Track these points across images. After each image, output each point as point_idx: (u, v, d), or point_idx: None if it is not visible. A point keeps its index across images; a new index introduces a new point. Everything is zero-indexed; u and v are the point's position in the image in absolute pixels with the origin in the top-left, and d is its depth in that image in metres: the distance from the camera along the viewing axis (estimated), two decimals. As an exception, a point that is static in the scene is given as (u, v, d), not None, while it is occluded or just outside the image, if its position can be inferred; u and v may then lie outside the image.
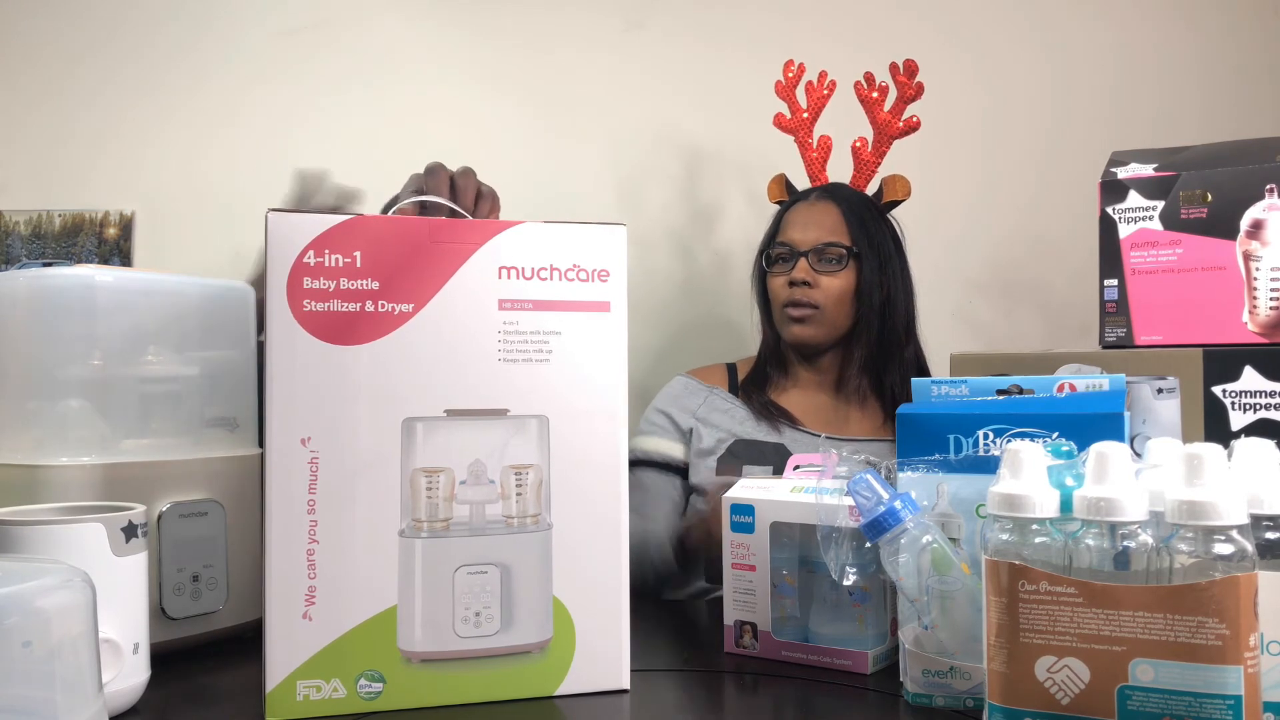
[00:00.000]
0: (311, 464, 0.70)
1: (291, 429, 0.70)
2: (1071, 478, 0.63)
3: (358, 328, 0.71)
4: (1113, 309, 1.09)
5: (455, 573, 0.72)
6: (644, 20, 1.81)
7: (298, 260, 0.71)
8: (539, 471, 0.74)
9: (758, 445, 1.34)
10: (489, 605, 0.72)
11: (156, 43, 1.83)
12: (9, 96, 1.84)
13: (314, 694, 0.69)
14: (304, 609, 0.70)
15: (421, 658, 0.71)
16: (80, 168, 1.82)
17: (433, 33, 1.83)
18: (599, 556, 0.75)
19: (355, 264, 0.71)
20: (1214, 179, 1.05)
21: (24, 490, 0.78)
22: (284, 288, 0.70)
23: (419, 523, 0.72)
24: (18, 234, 1.81)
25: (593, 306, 0.76)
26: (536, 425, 0.74)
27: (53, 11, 1.84)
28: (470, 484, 0.73)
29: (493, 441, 0.73)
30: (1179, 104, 1.77)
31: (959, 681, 0.71)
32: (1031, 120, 1.80)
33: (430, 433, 0.72)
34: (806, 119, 1.49)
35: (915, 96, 1.45)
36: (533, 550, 0.73)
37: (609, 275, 0.76)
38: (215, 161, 1.80)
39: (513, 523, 0.73)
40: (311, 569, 0.70)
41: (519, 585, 0.73)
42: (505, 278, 0.74)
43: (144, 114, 1.82)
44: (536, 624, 0.73)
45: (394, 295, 0.72)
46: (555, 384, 0.74)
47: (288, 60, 1.82)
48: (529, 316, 0.74)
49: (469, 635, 0.72)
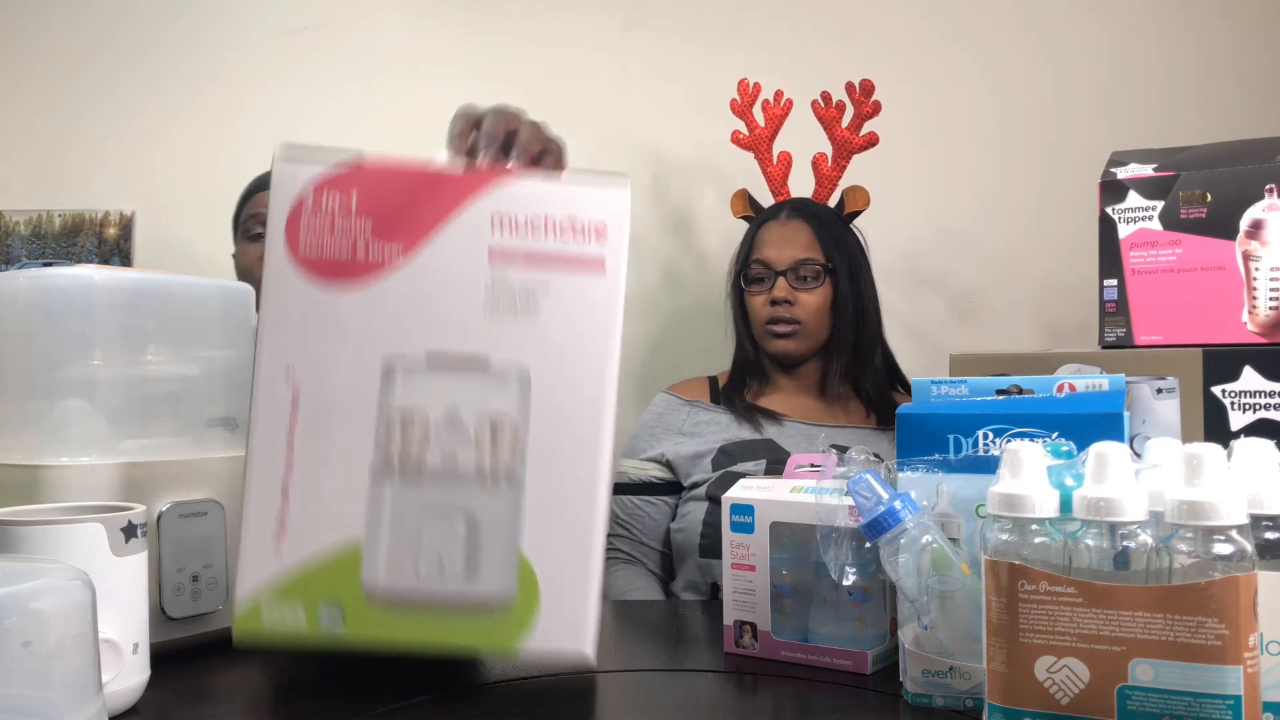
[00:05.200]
0: (294, 397, 0.71)
1: (277, 361, 0.71)
2: (1071, 478, 0.63)
3: (348, 269, 0.72)
4: (1112, 309, 1.09)
5: (423, 517, 0.72)
6: (643, 21, 1.81)
7: (298, 199, 0.72)
8: (516, 426, 0.72)
9: (748, 444, 1.37)
10: (453, 553, 0.72)
11: (157, 43, 1.83)
12: (10, 97, 1.84)
13: (276, 617, 0.70)
14: (275, 533, 0.71)
15: (383, 595, 0.71)
16: (80, 168, 1.83)
17: (432, 33, 1.83)
18: (570, 519, 0.72)
19: (351, 206, 0.72)
20: (1214, 179, 1.05)
21: (24, 490, 0.78)
22: (283, 225, 0.72)
23: (390, 463, 0.72)
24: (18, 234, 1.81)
25: (585, 263, 0.73)
26: (518, 379, 0.72)
27: (54, 13, 1.84)
28: (445, 431, 0.72)
29: (472, 391, 0.72)
30: (1179, 105, 1.77)
31: (959, 681, 0.71)
32: (1031, 121, 1.80)
33: (410, 376, 0.72)
34: (765, 135, 1.54)
35: (872, 114, 1.50)
36: (502, 503, 0.72)
37: (605, 231, 0.74)
38: (215, 161, 1.80)
39: (484, 474, 0.72)
40: (285, 495, 0.71)
41: (485, 536, 0.72)
42: (498, 228, 0.73)
43: (144, 114, 1.82)
44: (499, 578, 0.72)
45: (386, 238, 0.72)
46: (541, 340, 0.72)
47: (288, 60, 1.82)
48: (519, 269, 0.73)
49: (431, 579, 0.71)
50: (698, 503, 1.37)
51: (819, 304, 1.41)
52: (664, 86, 1.80)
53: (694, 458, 1.39)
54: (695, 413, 1.44)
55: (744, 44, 1.80)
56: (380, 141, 1.69)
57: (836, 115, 1.52)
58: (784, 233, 1.44)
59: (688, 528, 1.38)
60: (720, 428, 1.41)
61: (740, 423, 1.41)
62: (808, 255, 1.42)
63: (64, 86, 1.83)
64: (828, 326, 1.43)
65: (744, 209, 1.54)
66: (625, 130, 1.79)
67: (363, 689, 0.76)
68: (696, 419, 1.43)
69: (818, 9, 1.81)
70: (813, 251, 1.42)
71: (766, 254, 1.44)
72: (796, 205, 1.49)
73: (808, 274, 1.41)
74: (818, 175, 1.52)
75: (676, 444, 1.41)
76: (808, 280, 1.41)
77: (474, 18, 1.82)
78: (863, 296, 1.44)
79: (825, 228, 1.44)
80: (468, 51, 1.82)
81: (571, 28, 1.82)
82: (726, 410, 1.44)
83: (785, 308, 1.41)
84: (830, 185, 1.53)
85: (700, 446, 1.40)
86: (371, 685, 0.77)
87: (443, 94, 1.82)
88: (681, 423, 1.43)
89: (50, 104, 1.83)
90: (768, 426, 1.40)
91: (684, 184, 1.81)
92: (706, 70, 1.79)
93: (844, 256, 1.43)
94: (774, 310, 1.41)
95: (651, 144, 1.80)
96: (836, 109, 1.52)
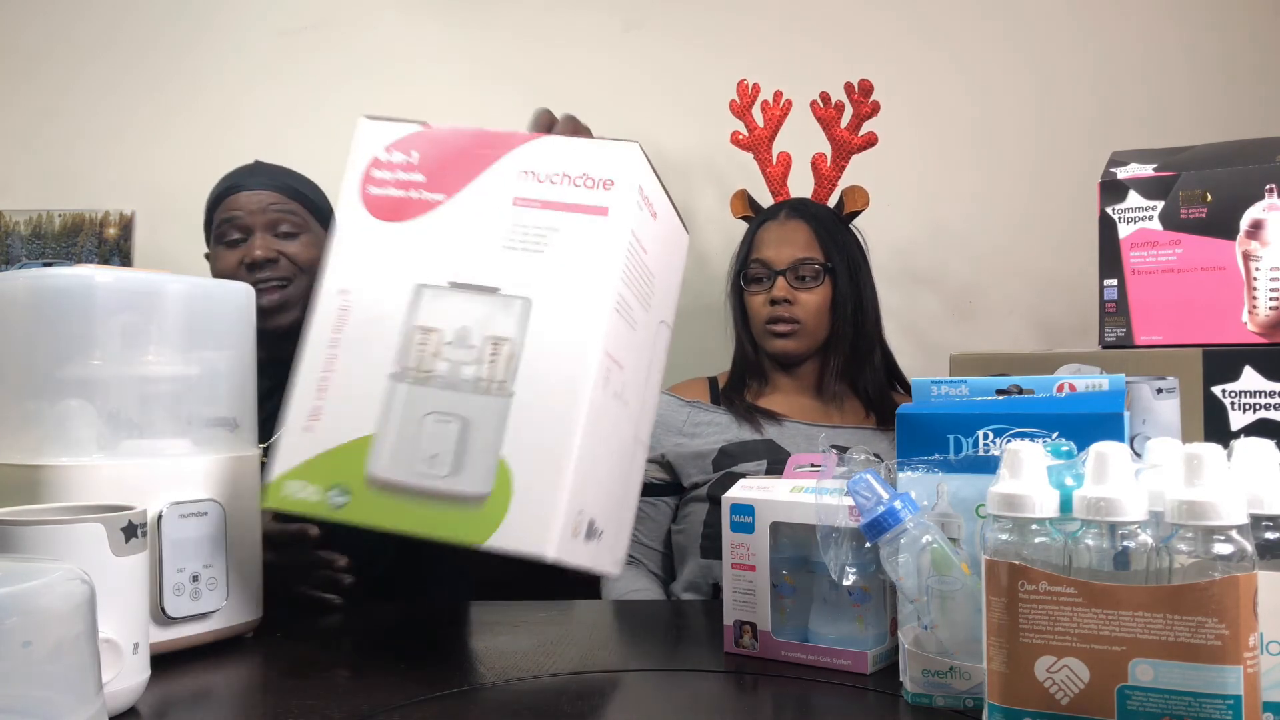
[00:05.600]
0: (343, 310, 0.84)
1: (335, 281, 0.85)
2: (1071, 478, 0.63)
3: (401, 208, 0.86)
4: (1112, 309, 1.09)
5: (425, 417, 0.82)
6: (643, 21, 1.81)
7: (373, 156, 0.87)
8: (513, 346, 0.82)
9: (749, 444, 1.37)
10: (445, 451, 0.80)
11: (157, 44, 1.83)
12: (10, 97, 1.84)
13: (296, 492, 0.81)
14: (308, 423, 0.82)
15: (382, 483, 0.80)
16: (80, 168, 1.83)
17: (432, 32, 1.83)
18: (547, 431, 0.80)
19: (412, 161, 0.86)
20: (1214, 179, 1.05)
21: (24, 490, 0.78)
22: (361, 175, 0.87)
23: (406, 369, 0.82)
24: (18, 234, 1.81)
25: (591, 210, 0.83)
26: (520, 305, 0.82)
27: (54, 13, 1.84)
28: (455, 345, 0.83)
29: (481, 313, 0.83)
30: (1179, 103, 1.77)
31: (959, 681, 0.71)
32: (1032, 121, 1.80)
33: (434, 299, 0.84)
34: (765, 135, 1.54)
35: (871, 114, 1.50)
36: (491, 411, 0.81)
37: (613, 184, 0.84)
38: (215, 161, 1.79)
39: (481, 384, 0.81)
40: (321, 393, 0.83)
41: (473, 439, 0.80)
42: (524, 178, 0.84)
43: (144, 114, 1.82)
44: (479, 477, 0.80)
45: (434, 186, 0.86)
46: (544, 273, 0.82)
47: (288, 60, 1.82)
48: (535, 212, 0.84)
49: (423, 473, 0.81)
50: (699, 503, 1.38)
51: (818, 303, 1.42)
52: (664, 87, 1.80)
53: (694, 458, 1.39)
54: (695, 413, 1.44)
55: (744, 44, 1.80)
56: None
57: (835, 115, 1.52)
58: (783, 232, 1.45)
59: (689, 528, 1.38)
60: (720, 428, 1.41)
61: (740, 423, 1.41)
62: (807, 255, 1.42)
63: (64, 86, 1.83)
64: (827, 326, 1.43)
65: (743, 209, 1.54)
66: (625, 130, 1.78)
67: (362, 689, 0.76)
68: (696, 420, 1.43)
69: (818, 9, 1.81)
70: (812, 251, 1.42)
71: (765, 254, 1.44)
72: (796, 205, 1.49)
73: (807, 273, 1.41)
74: (817, 175, 1.53)
75: (676, 445, 1.41)
76: (807, 280, 1.41)
77: (474, 18, 1.82)
78: (861, 296, 1.44)
79: (824, 227, 1.44)
80: (468, 52, 1.82)
81: (572, 28, 1.82)
82: (726, 411, 1.44)
83: (784, 307, 1.41)
84: (829, 185, 1.54)
85: (700, 447, 1.40)
86: (371, 685, 0.77)
87: (443, 94, 1.83)
88: (681, 423, 1.43)
89: (50, 104, 1.83)
90: (768, 427, 1.40)
91: (683, 184, 1.81)
92: (706, 70, 1.79)
93: (843, 256, 1.43)
94: (773, 310, 1.42)
95: (651, 144, 1.79)
96: (835, 109, 1.52)
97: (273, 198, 1.28)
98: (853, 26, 1.80)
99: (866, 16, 1.81)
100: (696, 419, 1.43)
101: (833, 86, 1.52)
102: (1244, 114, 1.73)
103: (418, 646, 0.90)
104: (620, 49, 1.81)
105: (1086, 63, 1.79)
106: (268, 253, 1.25)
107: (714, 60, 1.80)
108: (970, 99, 1.80)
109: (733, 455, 1.37)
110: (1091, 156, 1.20)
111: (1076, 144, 1.74)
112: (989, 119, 1.80)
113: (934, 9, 1.81)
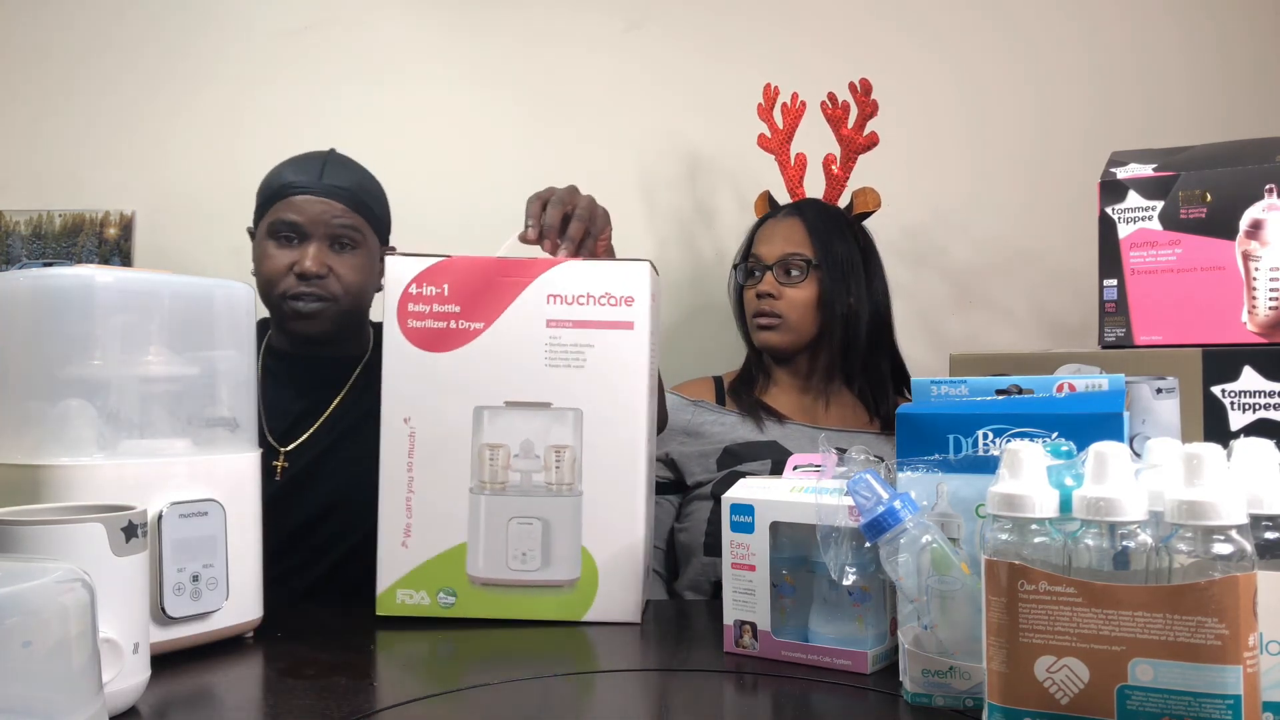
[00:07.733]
0: (410, 437, 0.97)
1: (397, 411, 0.97)
2: (1071, 478, 0.63)
3: (445, 339, 0.97)
4: (1112, 309, 1.09)
5: (509, 522, 0.97)
6: (643, 21, 1.81)
7: (405, 290, 0.97)
8: (574, 451, 0.97)
9: (753, 444, 1.38)
10: (533, 548, 0.97)
11: (157, 43, 1.83)
12: (10, 97, 1.84)
13: (408, 599, 0.97)
14: (403, 539, 0.96)
15: (482, 582, 0.97)
16: (81, 168, 1.82)
17: (433, 33, 1.83)
18: (618, 519, 0.97)
19: (444, 293, 0.97)
20: (1213, 179, 1.05)
21: (24, 490, 0.78)
22: (395, 309, 0.97)
23: (483, 483, 0.97)
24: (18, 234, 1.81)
25: (619, 325, 0.97)
26: (573, 416, 0.97)
27: (54, 13, 1.84)
28: (522, 457, 0.97)
29: (539, 427, 0.97)
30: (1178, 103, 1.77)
31: (959, 681, 0.71)
32: (1032, 120, 1.80)
33: (494, 418, 0.97)
34: (784, 137, 1.55)
35: (873, 113, 1.50)
36: (567, 510, 0.97)
37: (634, 300, 0.97)
38: (215, 161, 1.80)
39: (552, 488, 0.97)
40: (409, 511, 0.97)
41: (556, 535, 0.97)
42: (552, 302, 0.97)
43: (144, 114, 1.82)
44: (568, 565, 0.97)
45: (471, 316, 0.97)
46: (588, 385, 0.96)
47: (288, 60, 1.82)
48: (569, 332, 0.97)
49: (517, 569, 0.97)
50: (702, 502, 1.38)
51: (803, 299, 1.42)
52: (664, 87, 1.80)
53: (698, 457, 1.40)
54: (700, 413, 1.44)
55: (744, 45, 1.80)
56: (381, 141, 1.70)
57: (842, 115, 1.52)
58: (778, 229, 1.46)
59: (692, 527, 1.38)
60: (725, 428, 1.42)
61: (745, 423, 1.42)
62: (795, 250, 1.42)
63: (64, 86, 1.83)
64: (814, 322, 1.43)
65: (764, 210, 1.56)
66: (625, 130, 1.79)
67: (362, 689, 0.76)
68: (701, 419, 1.43)
69: (818, 10, 1.81)
70: (801, 247, 1.43)
71: (759, 249, 1.46)
72: (799, 204, 1.50)
73: (793, 268, 1.42)
74: (827, 176, 1.53)
75: (681, 444, 1.42)
76: (792, 274, 1.42)
77: (475, 18, 1.82)
78: (853, 296, 1.43)
79: (819, 225, 1.44)
80: (469, 52, 1.82)
81: (573, 28, 1.82)
82: (731, 410, 1.44)
83: (768, 301, 1.43)
84: (838, 186, 1.53)
85: (704, 446, 1.40)
86: (371, 685, 0.77)
87: (443, 94, 1.83)
88: (686, 423, 1.43)
89: (50, 104, 1.83)
90: (771, 427, 1.41)
91: (684, 184, 1.81)
92: (707, 71, 1.79)
93: (832, 255, 1.42)
94: (760, 303, 1.44)
95: (652, 144, 1.80)
96: (842, 109, 1.52)
97: (337, 210, 1.26)
98: (853, 27, 1.80)
99: (866, 17, 1.81)
100: (701, 418, 1.43)
101: (834, 87, 1.52)
102: (1243, 114, 1.73)
103: (418, 646, 0.90)
104: (621, 49, 1.81)
105: (1086, 63, 1.79)
106: (319, 268, 1.25)
107: (715, 61, 1.79)
108: (968, 100, 1.80)
109: (737, 455, 1.37)
110: (1096, 156, 1.19)
111: (1081, 143, 1.74)
112: (988, 119, 1.80)
113: (933, 10, 1.81)
